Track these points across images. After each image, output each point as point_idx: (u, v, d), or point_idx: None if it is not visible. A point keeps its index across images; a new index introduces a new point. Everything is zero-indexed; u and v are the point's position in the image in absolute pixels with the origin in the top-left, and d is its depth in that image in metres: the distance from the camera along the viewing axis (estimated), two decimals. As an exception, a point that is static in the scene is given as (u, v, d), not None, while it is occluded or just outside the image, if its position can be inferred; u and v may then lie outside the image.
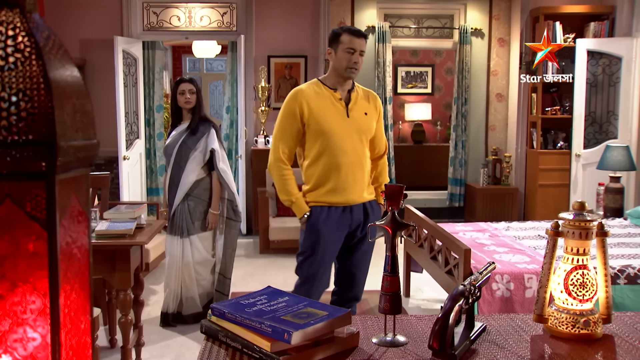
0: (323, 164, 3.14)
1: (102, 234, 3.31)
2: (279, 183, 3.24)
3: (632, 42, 6.51)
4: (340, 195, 3.16)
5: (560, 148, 7.15)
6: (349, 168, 3.16)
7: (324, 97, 3.16)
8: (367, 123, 3.25)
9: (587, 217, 1.58)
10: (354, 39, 3.13)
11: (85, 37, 7.03)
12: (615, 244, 4.31)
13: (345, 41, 3.12)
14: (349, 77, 3.16)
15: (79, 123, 0.74)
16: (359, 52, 3.13)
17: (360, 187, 3.22)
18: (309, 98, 3.13)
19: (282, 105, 3.22)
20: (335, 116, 3.15)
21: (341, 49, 3.12)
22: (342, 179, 3.15)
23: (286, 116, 3.17)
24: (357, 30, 3.23)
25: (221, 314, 1.49)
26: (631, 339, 1.59)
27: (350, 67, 3.11)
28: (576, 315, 1.58)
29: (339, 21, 7.50)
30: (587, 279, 1.59)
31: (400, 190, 1.49)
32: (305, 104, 3.11)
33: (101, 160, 7.20)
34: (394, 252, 1.51)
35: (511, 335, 1.62)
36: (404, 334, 1.58)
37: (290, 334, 1.34)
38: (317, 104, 3.14)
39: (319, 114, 3.12)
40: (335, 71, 3.18)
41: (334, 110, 3.15)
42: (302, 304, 1.54)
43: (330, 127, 3.12)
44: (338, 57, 3.14)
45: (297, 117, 3.12)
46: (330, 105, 3.16)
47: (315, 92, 3.17)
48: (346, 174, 3.15)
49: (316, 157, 3.16)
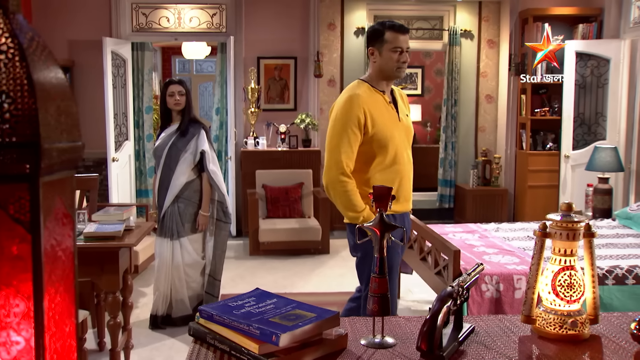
0: (384, 172, 2.91)
1: (90, 235, 3.29)
2: (344, 200, 2.88)
3: (620, 43, 6.55)
4: (399, 204, 2.95)
5: (549, 149, 7.19)
6: (406, 175, 2.98)
7: (377, 102, 2.93)
8: (411, 125, 3.09)
9: (574, 218, 1.59)
10: (399, 36, 2.90)
11: (73, 38, 7.00)
12: (603, 244, 4.34)
13: (390, 39, 2.89)
14: (399, 77, 2.98)
15: (63, 125, 0.73)
16: (406, 49, 2.92)
17: (411, 194, 3.08)
18: (368, 104, 2.88)
19: (338, 113, 2.91)
20: (391, 122, 2.94)
21: (387, 48, 2.89)
22: (402, 187, 2.96)
23: (347, 124, 2.85)
24: (400, 25, 2.94)
25: (209, 316, 1.48)
26: (618, 340, 1.59)
27: (399, 67, 2.91)
28: (564, 316, 1.59)
29: (328, 22, 7.51)
30: (574, 280, 1.60)
31: (388, 192, 1.50)
32: (366, 110, 2.86)
33: (90, 162, 7.17)
34: (382, 253, 1.51)
35: (499, 336, 1.62)
36: (393, 335, 1.58)
37: (278, 336, 1.34)
38: (375, 109, 2.90)
39: (378, 119, 2.88)
40: (382, 72, 2.94)
41: (388, 115, 2.94)
42: (290, 305, 1.54)
43: (389, 133, 2.90)
44: (384, 57, 2.91)
45: (359, 125, 2.85)
46: (384, 110, 2.93)
47: (370, 96, 2.92)
48: (405, 181, 2.97)
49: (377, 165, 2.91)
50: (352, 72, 7.64)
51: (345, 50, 7.62)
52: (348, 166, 2.85)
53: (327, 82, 7.63)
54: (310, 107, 7.28)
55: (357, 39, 7.62)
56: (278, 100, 7.32)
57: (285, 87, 7.29)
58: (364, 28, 7.51)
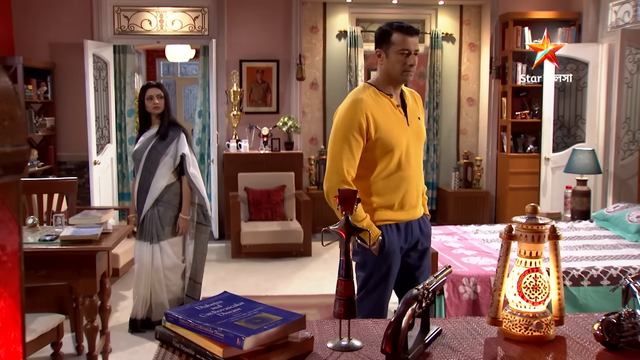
0: (388, 179, 2.79)
1: (66, 239, 3.28)
2: None
3: (598, 47, 6.62)
4: (405, 211, 2.83)
5: (530, 152, 7.25)
6: (413, 181, 2.85)
7: (383, 106, 2.80)
8: (422, 128, 2.93)
9: (539, 220, 1.61)
10: (407, 38, 2.74)
11: (55, 41, 6.95)
12: (580, 246, 4.38)
13: (397, 41, 2.73)
14: (405, 81, 2.81)
15: (7, 129, 0.73)
16: (414, 52, 2.76)
17: (419, 201, 2.92)
18: (371, 108, 2.75)
19: (340, 119, 2.80)
20: (397, 126, 2.80)
21: (393, 50, 2.74)
22: (408, 194, 2.82)
23: (348, 130, 2.74)
24: (409, 27, 2.78)
25: (175, 319, 1.48)
26: (582, 340, 1.61)
27: (406, 70, 2.75)
28: (529, 317, 1.61)
29: (310, 26, 7.53)
30: (539, 282, 1.61)
31: (354, 194, 1.50)
32: (369, 115, 2.73)
33: (72, 165, 7.13)
34: (348, 256, 1.52)
35: (466, 338, 1.63)
36: (360, 338, 1.58)
37: (242, 339, 1.34)
38: (380, 114, 2.77)
39: (382, 124, 2.76)
40: (389, 76, 2.80)
41: (395, 120, 2.80)
42: (257, 309, 1.54)
43: (396, 139, 2.76)
44: (391, 60, 2.76)
45: (361, 131, 2.73)
46: (390, 114, 2.80)
47: (375, 100, 2.79)
48: (412, 188, 2.84)
49: (380, 172, 2.79)
50: (335, 75, 7.67)
51: (328, 53, 7.64)
52: (349, 173, 2.76)
53: (310, 85, 7.65)
54: (292, 110, 7.28)
55: (339, 42, 7.64)
56: (260, 103, 7.32)
57: (268, 90, 7.29)
58: (346, 31, 7.54)
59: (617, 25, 6.45)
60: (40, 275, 3.28)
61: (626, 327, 1.60)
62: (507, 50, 7.14)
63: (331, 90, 7.69)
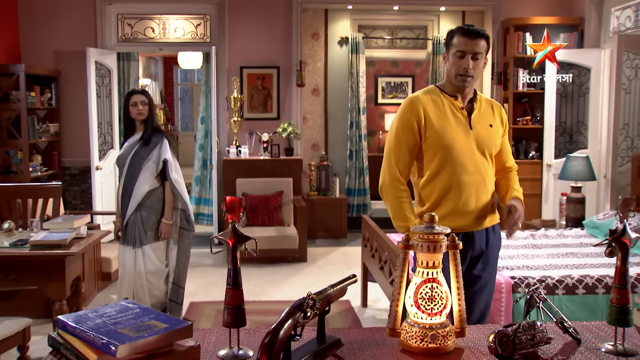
0: (442, 182, 2.70)
1: (36, 244, 3.34)
2: (394, 206, 2.74)
3: (600, 53, 6.51)
4: (460, 218, 2.69)
5: (532, 158, 7.16)
6: (472, 187, 2.70)
7: (443, 106, 2.74)
8: (493, 136, 2.78)
9: (436, 229, 1.59)
10: (466, 40, 2.64)
11: (59, 49, 7.08)
12: (564, 254, 4.32)
13: (456, 43, 2.67)
14: (460, 85, 2.68)
15: None
16: (472, 54, 2.64)
17: (483, 211, 2.74)
18: (427, 106, 2.72)
19: (396, 116, 2.80)
20: (456, 127, 2.71)
21: (452, 52, 2.68)
22: (463, 200, 2.69)
23: (402, 127, 2.74)
24: (469, 28, 2.68)
25: (63, 326, 1.50)
26: (479, 353, 1.59)
27: (460, 73, 2.65)
28: (425, 329, 1.59)
29: (312, 32, 7.55)
30: (435, 293, 1.60)
31: (240, 202, 1.51)
32: (422, 112, 2.70)
33: (76, 170, 7.24)
34: (236, 265, 1.52)
35: (364, 349, 1.62)
36: (253, 347, 1.58)
37: (116, 346, 1.35)
38: (436, 113, 2.72)
39: (438, 124, 2.70)
40: (448, 78, 2.74)
41: (455, 121, 2.72)
42: (148, 316, 1.55)
43: (450, 140, 2.68)
44: (449, 62, 2.71)
45: (414, 128, 2.71)
46: (450, 115, 2.72)
47: (433, 99, 2.74)
48: (469, 194, 2.70)
49: (434, 174, 2.72)
50: (337, 82, 7.67)
51: (330, 59, 7.65)
52: (401, 170, 2.74)
53: (312, 91, 7.67)
54: (293, 116, 7.30)
55: (341, 48, 7.65)
56: (261, 109, 7.35)
57: (268, 97, 7.32)
58: (348, 38, 7.54)
59: (619, 31, 6.34)
60: (11, 279, 3.34)
61: (524, 339, 1.58)
62: (509, 56, 7.07)
63: (333, 96, 7.70)
